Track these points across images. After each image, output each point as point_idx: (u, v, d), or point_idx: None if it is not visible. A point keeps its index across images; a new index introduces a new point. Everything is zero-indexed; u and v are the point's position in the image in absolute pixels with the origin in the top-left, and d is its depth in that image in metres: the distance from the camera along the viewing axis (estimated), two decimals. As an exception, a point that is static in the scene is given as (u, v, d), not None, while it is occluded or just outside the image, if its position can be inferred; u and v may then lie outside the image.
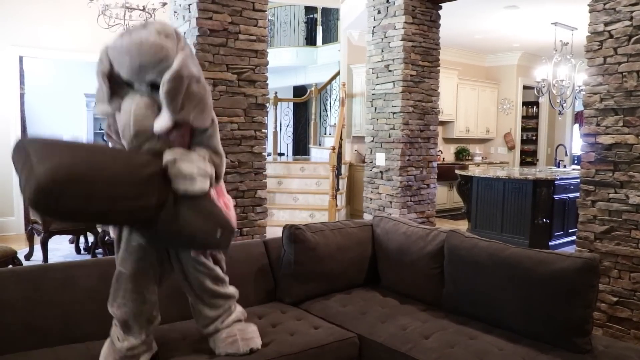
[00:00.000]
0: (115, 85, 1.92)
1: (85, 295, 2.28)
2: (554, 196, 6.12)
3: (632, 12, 3.15)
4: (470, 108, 9.63)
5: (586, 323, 2.20)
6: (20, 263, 3.92)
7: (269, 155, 8.92)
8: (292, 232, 2.81)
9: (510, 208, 6.22)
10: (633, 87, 3.17)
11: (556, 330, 2.24)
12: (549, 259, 2.30)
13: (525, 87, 10.08)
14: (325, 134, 10.51)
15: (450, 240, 2.70)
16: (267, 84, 3.93)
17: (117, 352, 1.97)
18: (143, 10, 5.40)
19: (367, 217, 5.26)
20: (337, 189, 7.07)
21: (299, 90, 11.82)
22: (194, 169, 1.87)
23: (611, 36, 3.26)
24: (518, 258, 2.38)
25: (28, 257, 5.09)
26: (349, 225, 3.15)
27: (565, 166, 8.98)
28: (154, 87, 1.88)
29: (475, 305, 2.55)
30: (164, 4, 5.30)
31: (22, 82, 6.67)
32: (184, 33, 3.78)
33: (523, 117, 10.49)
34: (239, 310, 2.21)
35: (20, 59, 6.58)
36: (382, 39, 5.10)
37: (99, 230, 5.00)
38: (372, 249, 3.12)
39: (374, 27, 5.20)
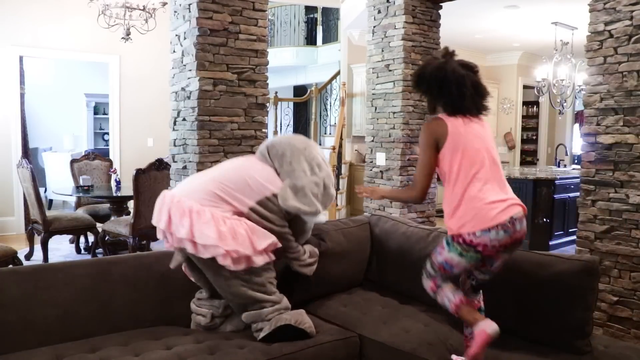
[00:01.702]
0: None
1: (85, 294, 2.28)
2: (554, 196, 6.12)
3: (632, 11, 3.15)
4: (471, 108, 9.62)
5: (586, 325, 2.20)
6: (20, 263, 3.92)
7: (269, 155, 8.91)
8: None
9: (511, 208, 6.21)
10: (633, 87, 3.17)
11: (556, 332, 2.24)
12: (548, 262, 2.30)
13: (525, 87, 10.08)
14: (325, 133, 10.51)
15: None
16: (268, 84, 3.93)
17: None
18: (143, 10, 5.40)
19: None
20: (338, 189, 7.07)
21: (299, 90, 11.83)
22: None
23: (611, 36, 3.26)
24: (517, 261, 2.38)
25: (28, 257, 5.09)
26: (348, 224, 3.14)
27: (565, 166, 8.98)
28: None
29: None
30: (164, 4, 5.30)
31: (22, 82, 6.67)
32: (184, 33, 3.78)
33: (523, 117, 10.49)
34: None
35: (20, 58, 6.58)
36: (382, 39, 5.10)
37: (99, 230, 5.00)
38: (370, 248, 3.13)
39: (374, 26, 5.20)
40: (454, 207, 2.04)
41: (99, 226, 5.11)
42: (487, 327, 1.96)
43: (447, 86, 2.07)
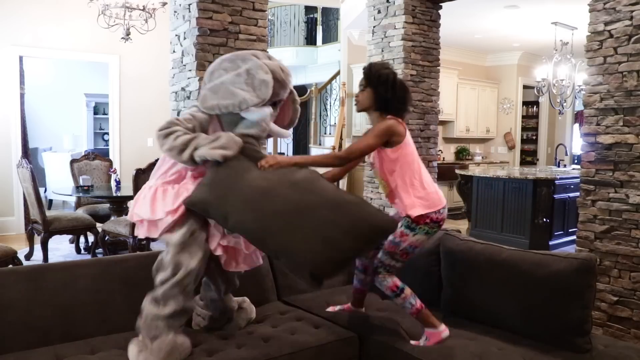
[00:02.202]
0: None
1: (85, 294, 2.28)
2: (554, 196, 6.12)
3: (632, 11, 3.15)
4: (471, 108, 9.63)
5: (585, 323, 2.20)
6: (20, 263, 3.92)
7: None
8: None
9: (511, 208, 6.22)
10: (633, 87, 3.17)
11: (555, 330, 2.24)
12: (545, 261, 2.29)
13: (525, 87, 10.08)
14: (325, 133, 10.52)
15: (446, 243, 2.68)
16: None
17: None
18: (143, 10, 5.40)
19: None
20: (337, 189, 7.07)
21: (299, 90, 11.73)
22: None
23: (611, 36, 3.26)
24: (515, 261, 2.38)
25: (28, 257, 5.09)
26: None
27: (565, 166, 8.98)
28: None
29: (474, 308, 2.54)
30: (164, 4, 5.30)
31: (22, 82, 6.67)
32: (184, 33, 3.79)
33: (523, 117, 10.49)
34: None
35: (20, 59, 6.58)
36: (382, 39, 5.10)
37: (99, 230, 5.00)
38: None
39: (374, 26, 5.21)
40: (417, 195, 2.37)
41: (99, 226, 5.11)
42: (443, 333, 2.32)
43: (404, 92, 2.43)
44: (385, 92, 2.37)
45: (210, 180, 2.09)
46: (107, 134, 8.52)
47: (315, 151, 9.32)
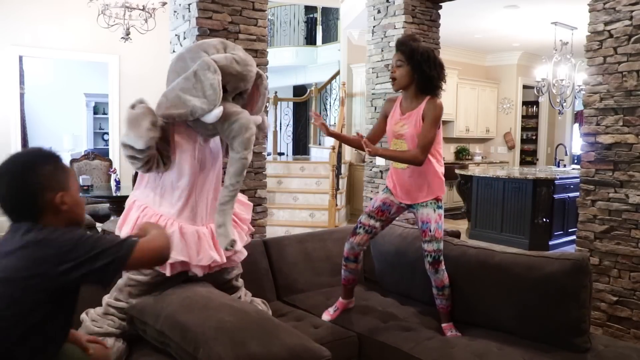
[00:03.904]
0: None
1: (85, 295, 2.27)
2: (554, 196, 6.12)
3: (632, 11, 3.15)
4: (470, 107, 9.63)
5: (582, 322, 2.20)
6: (20, 263, 3.91)
7: (268, 154, 8.92)
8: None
9: (510, 208, 6.22)
10: (633, 87, 3.17)
11: (553, 331, 2.24)
12: (538, 263, 2.29)
13: (525, 87, 10.08)
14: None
15: None
16: (267, 84, 3.92)
17: None
18: (143, 9, 5.40)
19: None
20: (337, 189, 7.06)
21: (299, 90, 11.82)
22: None
23: (611, 36, 3.26)
24: (508, 264, 2.38)
25: (28, 256, 5.08)
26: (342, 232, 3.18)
27: (565, 166, 8.98)
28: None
29: (471, 312, 2.54)
30: (164, 4, 5.30)
31: (22, 82, 6.67)
32: (184, 33, 3.78)
33: (523, 117, 10.49)
34: None
35: (20, 58, 6.58)
36: (382, 39, 5.10)
37: (99, 230, 5.00)
38: (368, 252, 3.16)
39: (373, 26, 5.20)
40: (440, 173, 2.45)
41: (99, 226, 5.11)
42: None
43: (443, 71, 2.44)
44: (429, 70, 2.34)
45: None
46: (107, 133, 8.51)
47: (315, 151, 9.30)
